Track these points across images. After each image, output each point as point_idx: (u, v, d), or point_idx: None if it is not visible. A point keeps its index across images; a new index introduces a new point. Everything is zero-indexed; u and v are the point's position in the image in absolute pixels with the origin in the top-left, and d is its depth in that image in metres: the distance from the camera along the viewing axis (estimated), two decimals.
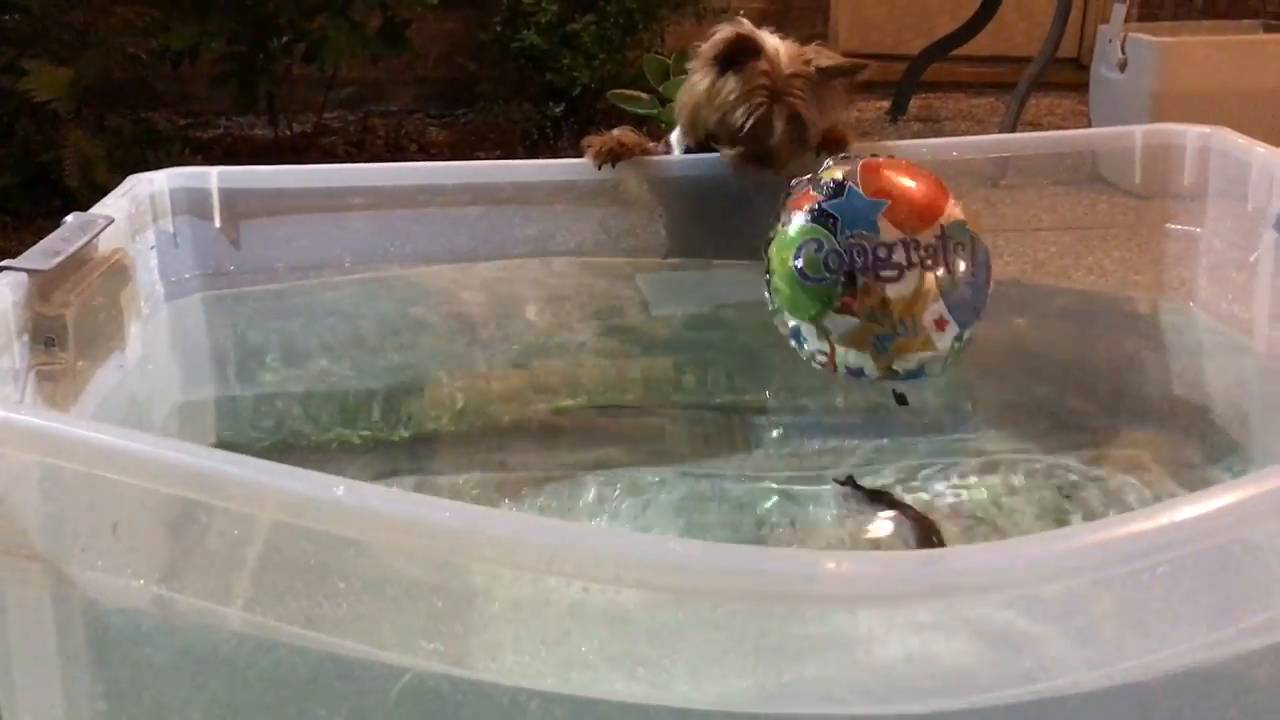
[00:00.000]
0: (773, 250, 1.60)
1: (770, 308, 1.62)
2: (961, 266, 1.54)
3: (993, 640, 0.96)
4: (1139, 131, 1.87)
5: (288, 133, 4.09)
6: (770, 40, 1.78)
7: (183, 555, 1.14)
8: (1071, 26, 4.15)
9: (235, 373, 1.83)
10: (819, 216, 1.55)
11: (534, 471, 1.70)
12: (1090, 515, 1.62)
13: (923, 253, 1.52)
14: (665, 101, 3.96)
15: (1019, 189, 2.11)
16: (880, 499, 1.68)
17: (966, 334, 1.56)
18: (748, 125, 1.72)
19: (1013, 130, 3.81)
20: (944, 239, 1.54)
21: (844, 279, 1.52)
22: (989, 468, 1.75)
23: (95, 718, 1.11)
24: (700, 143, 1.85)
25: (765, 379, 1.92)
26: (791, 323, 1.58)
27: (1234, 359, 1.81)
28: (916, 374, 1.58)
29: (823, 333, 1.55)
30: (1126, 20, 3.51)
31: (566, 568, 0.88)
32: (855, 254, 1.52)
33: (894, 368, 1.56)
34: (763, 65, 1.73)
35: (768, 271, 1.61)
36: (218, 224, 1.75)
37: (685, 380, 1.94)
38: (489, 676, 1.05)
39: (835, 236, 1.53)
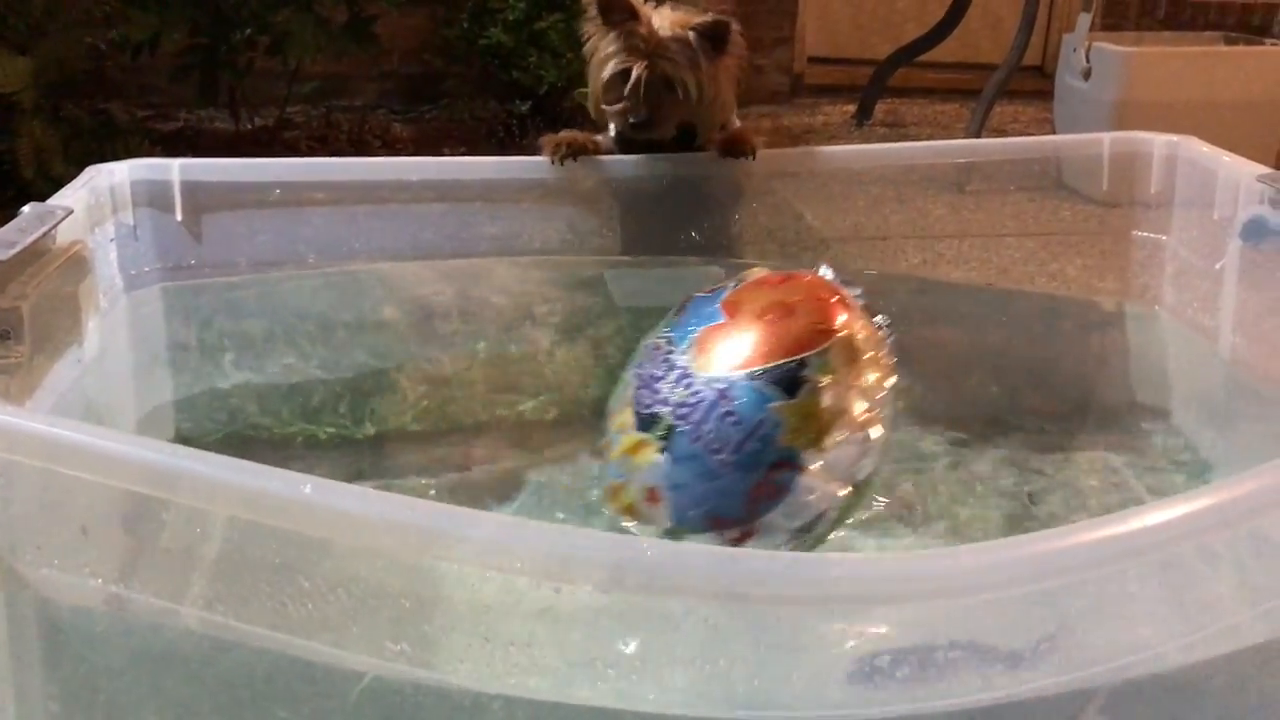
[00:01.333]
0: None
1: None
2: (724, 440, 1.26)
3: (958, 647, 0.95)
4: (1107, 139, 1.89)
5: (249, 126, 4.04)
6: (656, 9, 1.79)
7: (140, 553, 1.12)
8: (1036, 35, 4.17)
9: (195, 368, 1.80)
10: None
11: (498, 470, 1.68)
12: (1053, 519, 1.62)
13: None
14: None
15: (984, 195, 2.12)
16: None
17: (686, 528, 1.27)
18: (614, 81, 1.76)
19: (978, 136, 3.83)
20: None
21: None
22: (952, 469, 1.76)
23: (48, 719, 1.09)
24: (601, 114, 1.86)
25: None
26: None
27: (1200, 365, 1.82)
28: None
29: None
30: (1091, 29, 3.53)
31: (539, 569, 0.86)
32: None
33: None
34: (639, 27, 1.75)
35: None
36: (179, 217, 1.73)
37: None
38: (454, 679, 1.03)
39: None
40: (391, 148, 4.14)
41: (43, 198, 1.48)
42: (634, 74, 1.74)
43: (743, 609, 0.91)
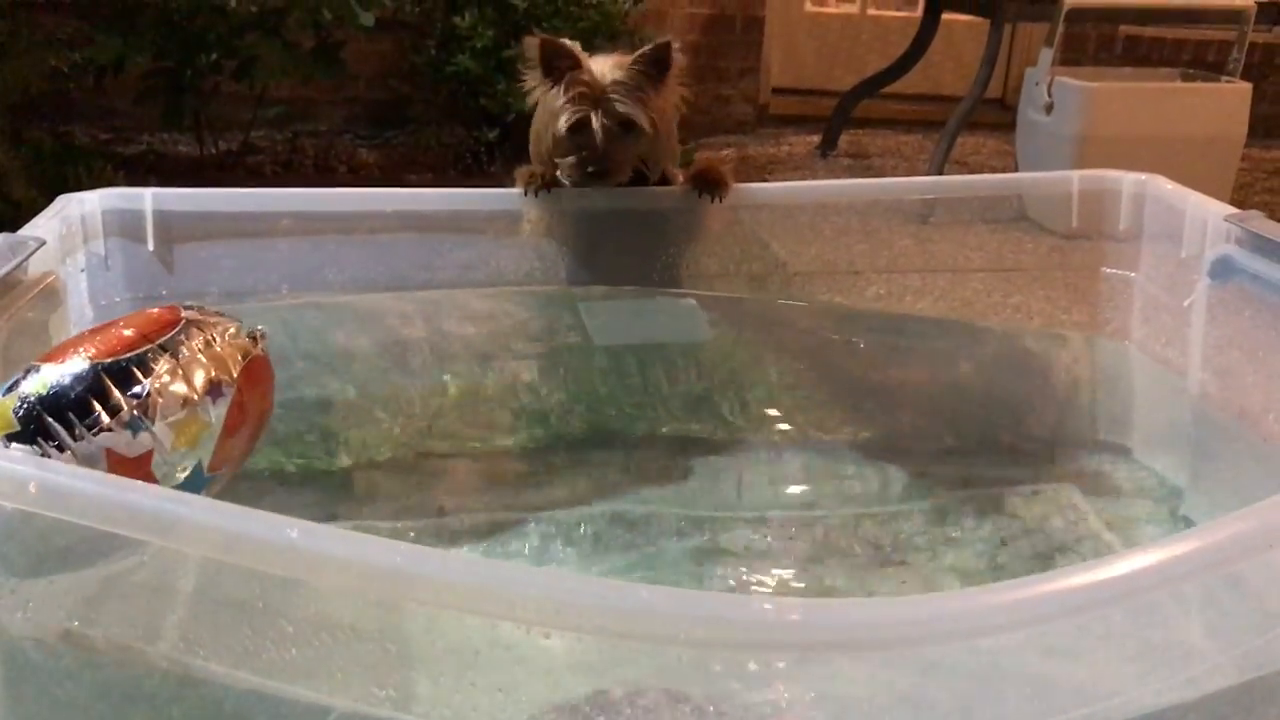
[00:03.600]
0: None
1: None
2: None
3: (921, 695, 0.96)
4: (1076, 176, 1.91)
5: (213, 151, 4.02)
6: (594, 56, 1.79)
7: (107, 590, 1.10)
8: (997, 68, 4.23)
9: None
10: None
11: (473, 514, 1.67)
12: (1022, 560, 1.63)
13: None
14: None
15: (949, 227, 2.14)
16: None
17: None
18: (569, 134, 1.75)
19: (941, 169, 3.87)
20: None
21: None
22: (920, 504, 1.76)
23: None
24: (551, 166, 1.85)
25: (707, 413, 1.92)
26: None
27: (1169, 400, 1.84)
28: None
29: None
30: (1053, 64, 3.58)
31: (529, 614, 0.86)
32: None
33: None
34: (582, 75, 1.75)
35: None
36: (151, 246, 1.71)
37: (627, 414, 1.93)
38: None
39: None
40: (357, 173, 4.12)
41: (2, 221, 1.46)
42: (594, 123, 1.74)
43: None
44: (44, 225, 1.53)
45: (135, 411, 1.24)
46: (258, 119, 4.08)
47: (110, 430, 1.22)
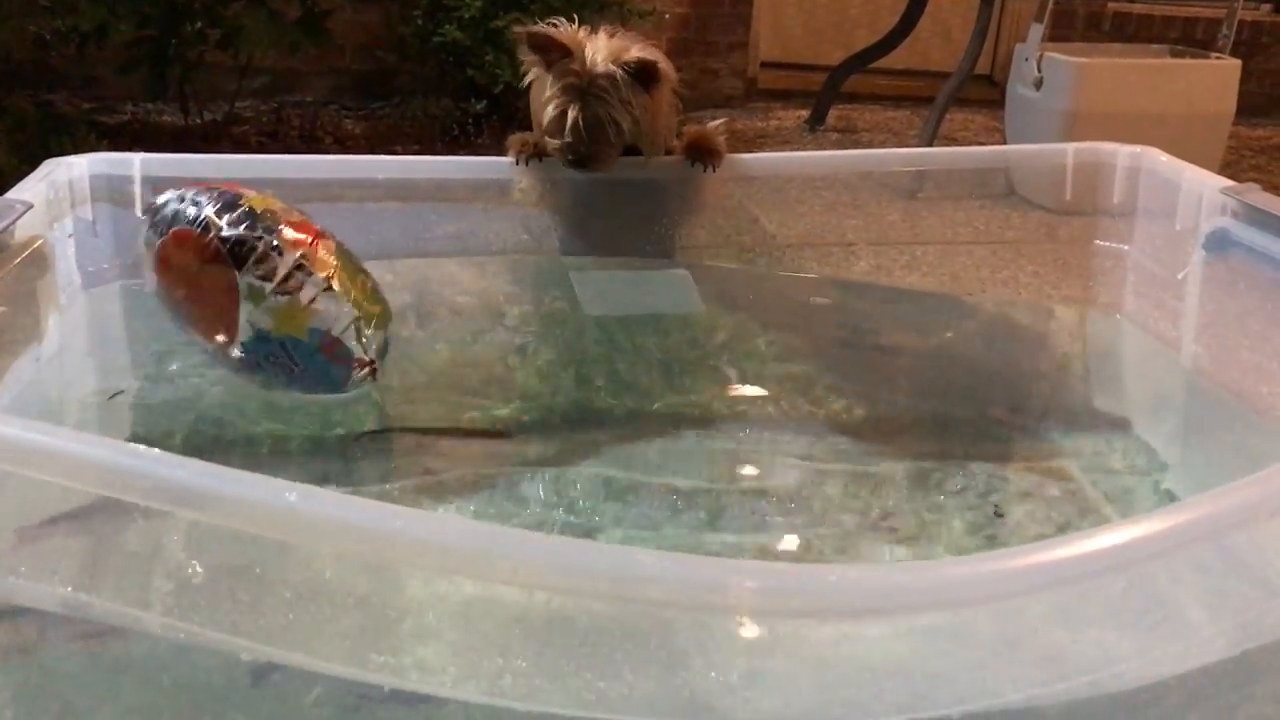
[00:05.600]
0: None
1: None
2: None
3: (885, 666, 0.96)
4: (1071, 149, 1.91)
5: (198, 121, 3.98)
6: (591, 39, 1.78)
7: (100, 557, 1.10)
8: (986, 43, 4.22)
9: (154, 366, 1.77)
10: None
11: (463, 476, 1.66)
12: (1019, 530, 1.63)
13: None
14: None
15: (937, 202, 2.14)
16: None
17: None
18: (555, 121, 1.76)
19: (930, 144, 3.86)
20: None
21: None
22: (912, 476, 1.76)
23: None
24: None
25: (695, 384, 1.91)
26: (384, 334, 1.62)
27: (1162, 372, 1.84)
28: None
29: None
30: (1043, 40, 3.58)
31: (530, 576, 0.85)
32: None
33: None
34: (573, 64, 1.75)
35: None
36: (139, 212, 1.69)
37: (617, 384, 1.92)
38: (425, 688, 1.02)
39: None
40: (343, 145, 4.09)
41: None
42: (569, 117, 1.75)
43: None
44: (31, 189, 1.51)
45: None
46: (243, 89, 4.04)
47: None
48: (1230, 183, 1.65)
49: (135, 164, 1.68)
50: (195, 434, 1.60)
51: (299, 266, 1.49)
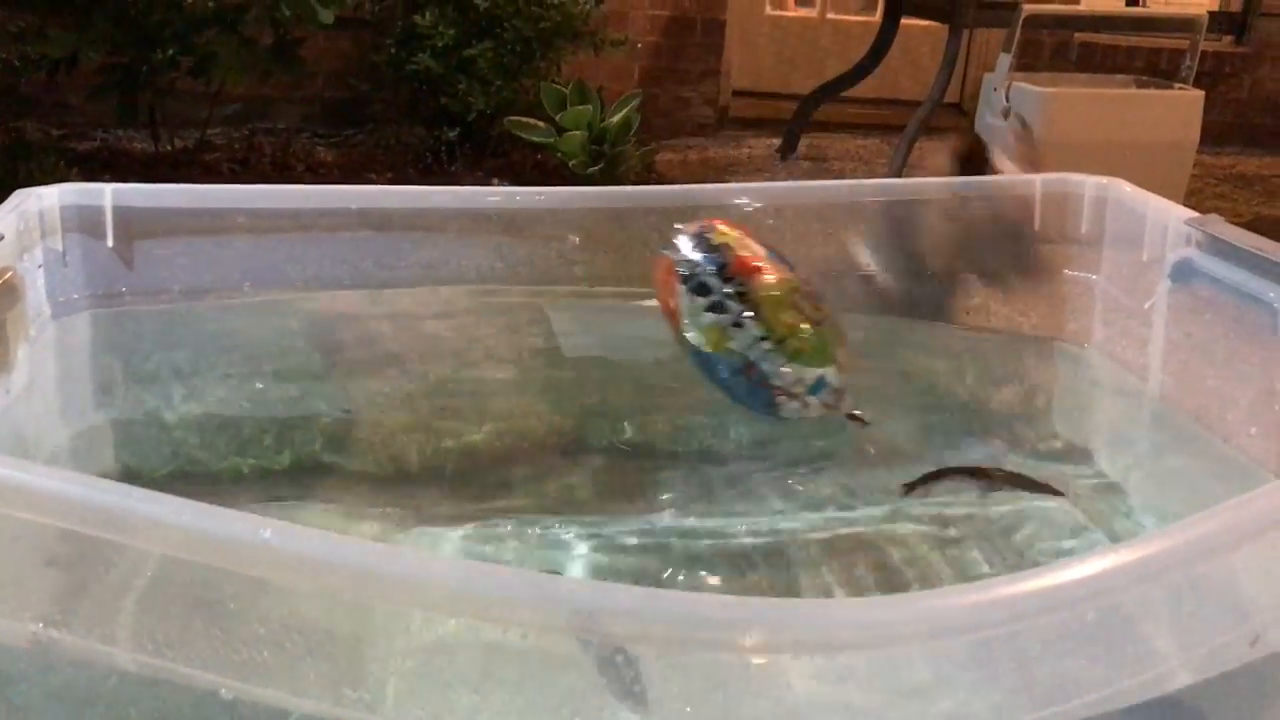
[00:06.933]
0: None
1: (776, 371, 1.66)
2: None
3: (882, 691, 0.96)
4: (1038, 180, 1.92)
5: (169, 148, 3.97)
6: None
7: (68, 593, 1.08)
8: (955, 73, 4.27)
9: (124, 398, 1.75)
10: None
11: (441, 512, 1.65)
12: (978, 563, 1.63)
13: None
14: (561, 130, 3.96)
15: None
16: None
17: None
18: None
19: (899, 172, 3.90)
20: None
21: None
22: (881, 508, 1.76)
23: None
24: None
25: (673, 419, 1.91)
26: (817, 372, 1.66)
27: (1129, 402, 1.86)
28: None
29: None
30: (1010, 70, 3.62)
31: (505, 612, 0.85)
32: None
33: None
34: None
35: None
36: (110, 243, 1.68)
37: (590, 420, 1.92)
38: None
39: None
40: (315, 172, 4.09)
41: None
42: None
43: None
44: (1, 220, 1.50)
45: None
46: (214, 116, 4.03)
47: None
48: (1194, 213, 1.67)
49: (106, 194, 1.67)
50: (168, 466, 1.59)
51: (738, 294, 1.65)
